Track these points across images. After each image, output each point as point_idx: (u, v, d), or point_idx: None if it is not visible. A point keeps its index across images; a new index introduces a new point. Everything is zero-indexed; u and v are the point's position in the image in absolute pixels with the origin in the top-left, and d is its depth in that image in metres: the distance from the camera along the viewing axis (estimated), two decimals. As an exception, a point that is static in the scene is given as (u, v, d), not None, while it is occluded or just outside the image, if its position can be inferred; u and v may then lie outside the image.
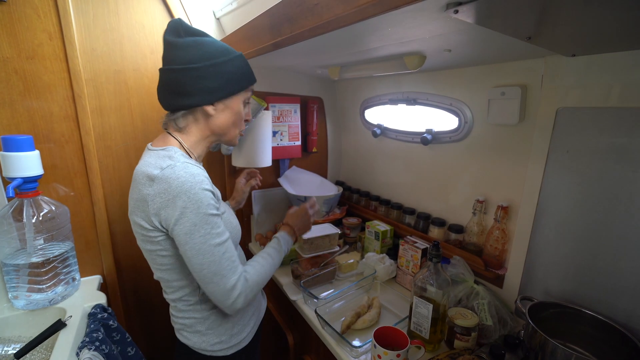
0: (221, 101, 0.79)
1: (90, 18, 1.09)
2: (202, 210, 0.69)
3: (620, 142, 0.74)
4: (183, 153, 0.76)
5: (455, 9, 0.48)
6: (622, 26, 0.54)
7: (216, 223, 0.72)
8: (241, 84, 0.80)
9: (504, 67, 0.96)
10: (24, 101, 1.04)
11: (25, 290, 0.99)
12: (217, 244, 0.71)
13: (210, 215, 0.70)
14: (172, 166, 0.70)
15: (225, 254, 0.72)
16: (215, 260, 0.71)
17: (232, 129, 0.83)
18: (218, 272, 0.71)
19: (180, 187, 0.67)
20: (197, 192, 0.68)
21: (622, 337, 0.72)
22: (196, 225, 0.69)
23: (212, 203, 0.71)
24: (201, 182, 0.70)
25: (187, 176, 0.69)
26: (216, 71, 0.76)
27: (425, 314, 0.84)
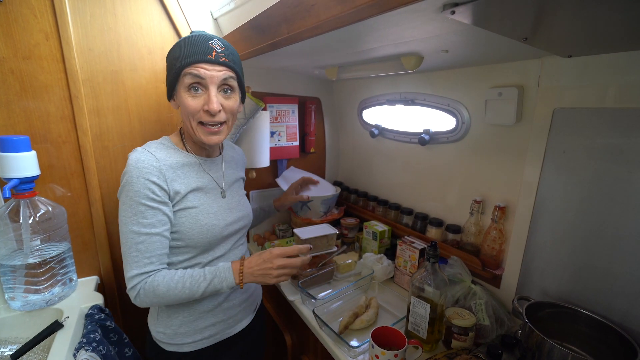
0: (173, 95, 0.80)
1: (87, 18, 1.09)
2: (130, 194, 0.73)
3: (616, 143, 0.74)
4: (167, 142, 0.83)
5: (452, 10, 0.49)
6: (618, 27, 0.55)
7: (141, 212, 0.73)
8: (173, 70, 0.76)
9: (500, 67, 0.96)
10: (21, 101, 1.04)
11: (22, 291, 0.99)
12: (134, 231, 0.73)
13: (139, 203, 0.73)
14: (135, 150, 0.77)
15: (138, 244, 0.73)
16: (125, 244, 0.74)
17: (186, 121, 0.79)
18: (125, 256, 0.75)
19: (126, 168, 0.74)
20: (132, 177, 0.73)
21: (618, 336, 0.73)
22: (124, 204, 0.74)
23: (145, 193, 0.73)
24: (142, 169, 0.73)
25: (134, 160, 0.74)
26: (167, 66, 0.80)
27: (423, 314, 0.85)
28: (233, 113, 0.81)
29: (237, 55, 0.82)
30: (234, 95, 0.80)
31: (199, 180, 0.83)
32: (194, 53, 0.74)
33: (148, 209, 0.73)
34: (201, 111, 0.77)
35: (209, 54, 0.75)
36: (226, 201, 0.88)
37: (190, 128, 0.79)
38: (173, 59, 0.77)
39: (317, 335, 0.98)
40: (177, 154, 0.82)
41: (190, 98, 0.76)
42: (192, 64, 0.74)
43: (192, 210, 0.80)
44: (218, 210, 0.84)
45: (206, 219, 0.81)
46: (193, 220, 0.79)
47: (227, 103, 0.79)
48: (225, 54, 0.77)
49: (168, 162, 0.78)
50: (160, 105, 1.26)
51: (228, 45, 0.79)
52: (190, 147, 0.85)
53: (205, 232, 0.80)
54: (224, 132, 0.81)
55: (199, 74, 0.74)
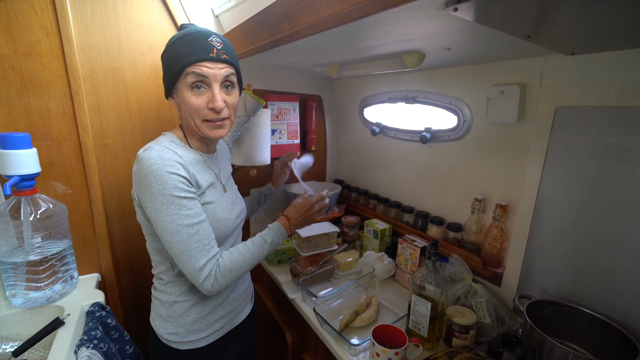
0: (173, 92, 0.79)
1: (87, 15, 1.09)
2: (167, 192, 0.71)
3: (618, 141, 0.74)
4: (175, 139, 0.81)
5: (455, 7, 0.48)
6: (621, 25, 0.54)
7: (185, 205, 0.73)
8: (174, 68, 0.74)
9: (503, 65, 0.96)
10: (21, 98, 1.03)
11: (23, 288, 0.99)
12: (185, 224, 0.72)
13: (177, 197, 0.72)
14: (150, 148, 0.74)
15: (195, 235, 0.73)
16: (182, 240, 0.72)
17: (190, 119, 0.79)
18: (186, 251, 0.73)
19: (148, 167, 0.71)
20: (163, 175, 0.71)
21: (619, 335, 0.73)
22: (163, 204, 0.71)
23: (180, 186, 0.73)
24: (170, 165, 0.72)
25: (156, 159, 0.72)
26: (162, 62, 0.79)
27: (424, 312, 0.85)
28: (235, 108, 0.83)
29: (234, 50, 0.82)
30: (234, 90, 0.82)
31: (209, 176, 0.84)
32: (195, 51, 0.73)
33: (189, 200, 0.74)
34: (206, 109, 0.77)
35: (210, 52, 0.74)
36: (229, 195, 0.91)
37: (193, 125, 0.79)
38: (172, 58, 0.75)
39: (317, 333, 0.98)
40: (186, 150, 0.82)
41: (194, 97, 0.76)
42: (194, 63, 0.73)
43: (210, 206, 0.81)
44: (227, 205, 0.87)
45: (221, 213, 0.84)
46: (212, 215, 0.81)
47: (229, 99, 0.80)
48: (225, 51, 0.77)
49: (186, 158, 0.78)
50: (161, 103, 1.26)
51: (226, 41, 0.79)
52: (193, 144, 0.85)
53: (222, 226, 0.83)
54: (227, 126, 0.82)
55: (202, 72, 0.74)
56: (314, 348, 1.09)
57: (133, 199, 0.80)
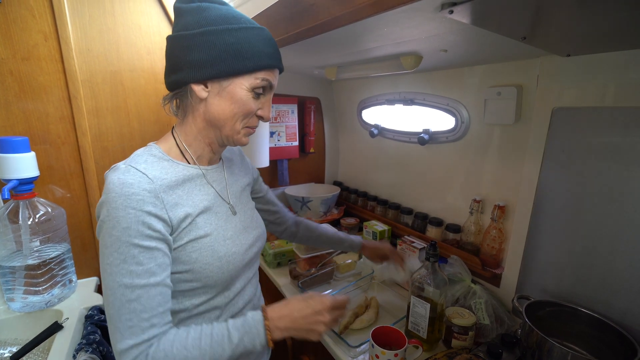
0: (215, 81, 0.62)
1: (86, 19, 1.09)
2: (115, 233, 0.53)
3: (615, 142, 0.75)
4: (158, 152, 0.64)
5: (450, 10, 0.49)
6: (616, 26, 0.55)
7: (134, 257, 0.54)
8: (244, 62, 0.60)
9: (499, 67, 0.97)
10: (20, 102, 1.03)
11: (21, 292, 0.99)
12: (124, 284, 0.53)
13: (130, 245, 0.53)
14: (114, 169, 0.59)
15: (132, 302, 0.53)
16: (113, 303, 0.53)
17: (229, 121, 0.64)
18: (113, 320, 0.54)
19: (106, 194, 0.55)
20: (118, 208, 0.53)
21: (618, 335, 0.73)
22: (108, 247, 0.54)
23: (136, 228, 0.54)
24: (130, 196, 0.54)
25: (117, 184, 0.55)
26: (208, 40, 0.59)
27: (423, 313, 0.85)
28: None
29: None
30: None
31: (205, 197, 0.66)
32: (274, 55, 0.64)
33: (143, 251, 0.54)
34: (254, 116, 0.67)
35: (280, 60, 0.67)
36: (239, 219, 0.72)
37: (227, 128, 0.65)
38: (247, 48, 0.60)
39: (317, 335, 0.97)
40: (173, 167, 0.63)
41: (251, 100, 0.64)
42: (272, 69, 0.64)
43: (206, 240, 0.63)
44: (234, 234, 0.69)
45: (224, 247, 0.65)
46: (209, 253, 0.63)
47: None
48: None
49: (165, 180, 0.60)
50: (159, 106, 1.26)
51: None
52: (192, 154, 0.68)
53: (226, 265, 0.65)
54: None
55: (271, 81, 0.65)
56: (314, 350, 1.09)
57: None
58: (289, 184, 1.62)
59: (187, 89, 0.63)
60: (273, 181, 1.60)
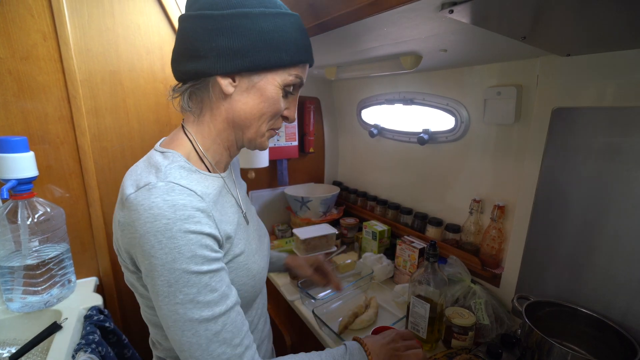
0: (245, 75, 0.53)
1: (85, 18, 1.09)
2: (180, 266, 0.46)
3: (614, 142, 0.75)
4: (185, 162, 0.54)
5: (450, 9, 0.48)
6: (617, 26, 0.55)
7: (207, 285, 0.47)
8: (281, 55, 0.52)
9: (499, 67, 0.96)
10: (18, 102, 1.03)
11: (20, 292, 0.98)
12: (205, 318, 0.47)
13: (196, 274, 0.47)
14: (150, 187, 0.47)
15: (219, 335, 0.48)
16: (200, 344, 0.47)
17: (255, 122, 0.56)
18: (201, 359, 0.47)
19: (150, 223, 0.45)
20: (175, 236, 0.45)
21: (618, 335, 0.73)
22: (171, 286, 0.46)
23: (202, 254, 0.47)
24: (186, 219, 0.46)
25: (164, 208, 0.45)
26: (242, 25, 0.50)
27: (423, 313, 0.85)
28: None
29: None
30: None
31: (233, 209, 0.60)
32: (309, 50, 0.58)
33: (214, 274, 0.48)
34: (280, 116, 0.60)
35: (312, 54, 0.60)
36: (253, 228, 0.67)
37: (252, 131, 0.57)
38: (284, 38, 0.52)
39: (317, 335, 0.97)
40: (204, 179, 0.55)
41: (282, 98, 0.57)
42: (307, 63, 0.58)
43: (241, 258, 0.57)
44: (257, 245, 0.64)
45: (255, 264, 0.60)
46: (244, 272, 0.58)
47: None
48: None
49: (210, 196, 0.53)
50: (158, 105, 1.26)
51: None
52: (211, 160, 0.59)
53: (257, 282, 0.61)
54: None
55: (303, 79, 0.58)
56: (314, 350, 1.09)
57: (117, 254, 0.55)
58: (288, 184, 1.62)
59: (209, 81, 0.53)
60: (272, 181, 1.60)
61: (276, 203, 1.59)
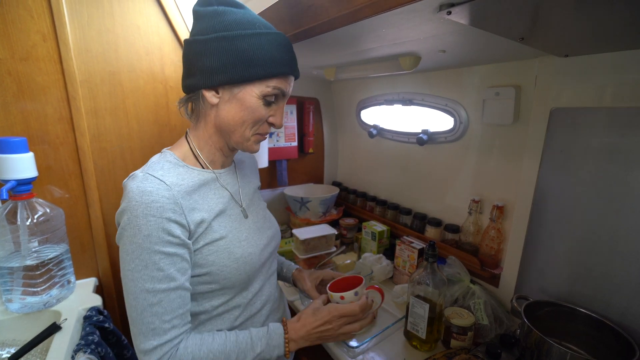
0: (226, 87, 0.63)
1: (84, 19, 1.09)
2: (137, 240, 0.56)
3: (613, 142, 0.75)
4: (174, 159, 0.66)
5: (448, 10, 0.49)
6: (614, 27, 0.55)
7: (155, 263, 0.57)
8: (255, 69, 0.60)
9: (498, 67, 0.97)
10: (18, 103, 1.03)
11: (19, 293, 0.98)
12: (146, 289, 0.57)
13: (151, 252, 0.56)
14: (133, 177, 0.60)
15: (154, 306, 0.57)
16: (135, 307, 0.57)
17: (238, 127, 0.65)
18: (136, 323, 0.57)
19: (127, 203, 0.57)
20: (138, 216, 0.55)
21: (616, 335, 0.73)
22: (129, 254, 0.57)
23: (161, 237, 0.57)
24: (150, 204, 0.56)
25: (136, 192, 0.56)
26: (222, 46, 0.60)
27: (422, 313, 0.85)
28: None
29: None
30: None
31: (220, 200, 0.68)
32: (289, 63, 0.64)
33: (164, 257, 0.57)
34: (265, 123, 0.67)
35: (296, 68, 0.67)
36: (252, 220, 0.75)
37: (238, 135, 0.66)
38: (259, 54, 0.60)
39: (316, 335, 0.97)
40: (188, 173, 0.66)
41: (261, 107, 0.65)
42: (285, 76, 0.65)
43: (222, 242, 0.65)
44: (249, 234, 0.71)
45: (239, 249, 0.67)
46: (226, 255, 0.65)
47: None
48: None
49: (182, 187, 0.62)
50: (158, 106, 1.26)
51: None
52: (205, 159, 0.70)
53: (242, 265, 0.67)
54: None
55: (284, 90, 0.66)
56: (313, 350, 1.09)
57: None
58: (288, 184, 1.62)
59: (199, 94, 0.65)
60: (272, 182, 1.60)
61: (275, 203, 1.60)
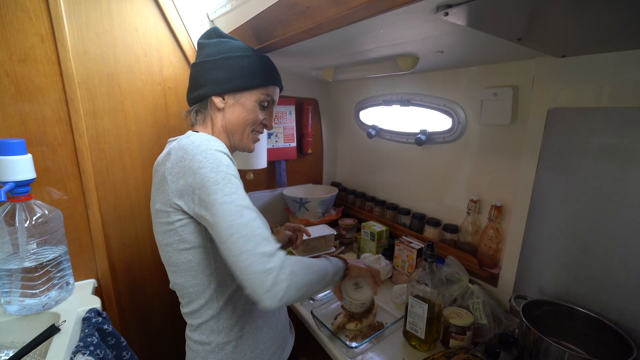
0: (230, 94, 0.79)
1: (82, 20, 1.09)
2: (221, 169, 0.63)
3: (610, 142, 0.75)
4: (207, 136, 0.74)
5: (445, 12, 0.49)
6: (610, 28, 0.55)
7: (239, 186, 0.65)
8: (253, 80, 0.79)
9: (495, 68, 0.97)
10: (16, 104, 1.03)
11: (18, 295, 0.98)
12: (245, 205, 0.62)
13: (235, 178, 0.65)
14: (188, 135, 0.71)
15: (256, 220, 0.63)
16: (245, 223, 0.61)
17: (241, 126, 0.81)
18: (250, 236, 0.60)
19: (196, 149, 0.64)
20: (214, 152, 0.64)
21: (614, 334, 0.73)
22: (219, 183, 0.62)
23: (234, 171, 0.66)
24: (218, 146, 0.66)
25: (202, 140, 0.66)
26: (228, 64, 0.79)
27: (421, 313, 0.85)
28: None
29: None
30: None
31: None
32: (275, 76, 0.85)
33: (241, 187, 0.65)
34: (260, 124, 0.85)
35: (281, 80, 0.88)
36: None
37: (240, 134, 0.82)
38: (257, 68, 0.80)
39: (315, 336, 0.98)
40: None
41: (258, 111, 0.82)
42: (274, 86, 0.85)
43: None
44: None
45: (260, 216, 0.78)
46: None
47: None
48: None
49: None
50: (156, 108, 1.26)
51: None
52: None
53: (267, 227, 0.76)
54: None
55: (273, 97, 0.85)
56: (312, 351, 1.09)
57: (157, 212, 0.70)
58: (286, 185, 1.62)
59: (208, 101, 0.80)
60: (271, 182, 1.60)
61: (275, 204, 1.60)
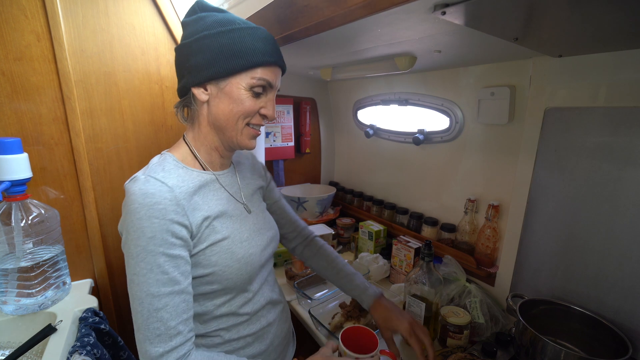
0: (212, 83, 0.63)
1: (79, 19, 1.08)
2: (141, 243, 0.55)
3: (606, 141, 0.75)
4: (173, 160, 0.66)
5: (443, 11, 0.49)
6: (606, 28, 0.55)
7: (160, 265, 0.56)
8: (236, 61, 0.61)
9: (493, 67, 0.97)
10: (12, 103, 1.02)
11: (14, 295, 0.98)
12: (152, 294, 0.56)
13: (155, 254, 0.56)
14: (135, 179, 0.60)
15: (159, 311, 0.56)
16: (141, 313, 0.56)
17: (230, 121, 0.64)
18: (142, 329, 0.57)
19: (128, 206, 0.57)
20: (142, 219, 0.55)
21: (610, 332, 0.74)
22: (134, 257, 0.56)
23: (165, 239, 0.56)
24: (153, 206, 0.56)
25: (139, 195, 0.56)
26: (203, 44, 0.61)
27: (418, 312, 0.85)
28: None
29: None
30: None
31: (220, 201, 0.68)
32: (272, 52, 0.64)
33: (168, 259, 0.57)
34: (257, 115, 0.67)
35: (281, 57, 0.66)
36: (253, 219, 0.75)
37: (230, 130, 0.66)
38: (240, 47, 0.61)
39: (313, 335, 0.98)
40: (188, 174, 0.65)
41: (250, 99, 0.64)
42: (270, 65, 0.64)
43: (225, 243, 0.65)
44: (250, 235, 0.71)
45: (241, 249, 0.68)
46: (228, 255, 0.65)
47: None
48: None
49: (183, 188, 0.62)
50: (154, 107, 1.26)
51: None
52: (203, 159, 0.70)
53: (244, 266, 0.67)
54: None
55: (269, 80, 0.64)
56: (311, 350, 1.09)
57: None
58: (284, 184, 1.62)
59: (190, 94, 0.66)
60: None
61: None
